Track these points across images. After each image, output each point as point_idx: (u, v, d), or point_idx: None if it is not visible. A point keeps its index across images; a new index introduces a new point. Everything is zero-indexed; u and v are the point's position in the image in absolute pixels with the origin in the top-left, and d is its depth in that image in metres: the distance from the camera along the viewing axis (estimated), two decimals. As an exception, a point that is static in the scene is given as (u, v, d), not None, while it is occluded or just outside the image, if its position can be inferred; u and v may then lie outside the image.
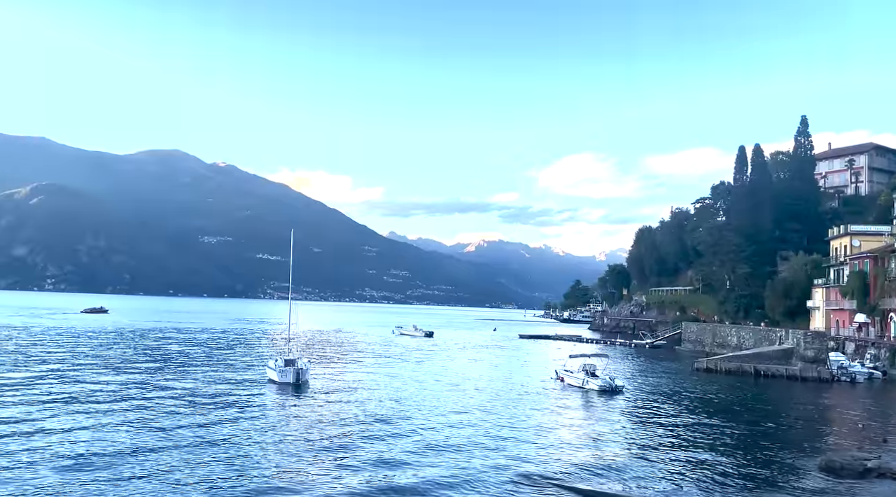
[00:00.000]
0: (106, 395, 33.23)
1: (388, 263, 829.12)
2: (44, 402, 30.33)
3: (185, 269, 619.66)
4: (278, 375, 39.85)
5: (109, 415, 28.21)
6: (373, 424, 28.39)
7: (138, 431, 25.16)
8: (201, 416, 28.81)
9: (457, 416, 31.59)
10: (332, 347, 73.05)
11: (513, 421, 30.87)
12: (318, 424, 27.92)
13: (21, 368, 43.02)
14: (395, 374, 48.41)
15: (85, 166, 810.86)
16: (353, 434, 26.25)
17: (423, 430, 27.77)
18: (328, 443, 24.60)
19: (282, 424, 27.74)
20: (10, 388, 34.05)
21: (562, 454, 24.61)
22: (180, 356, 56.15)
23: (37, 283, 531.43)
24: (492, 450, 24.68)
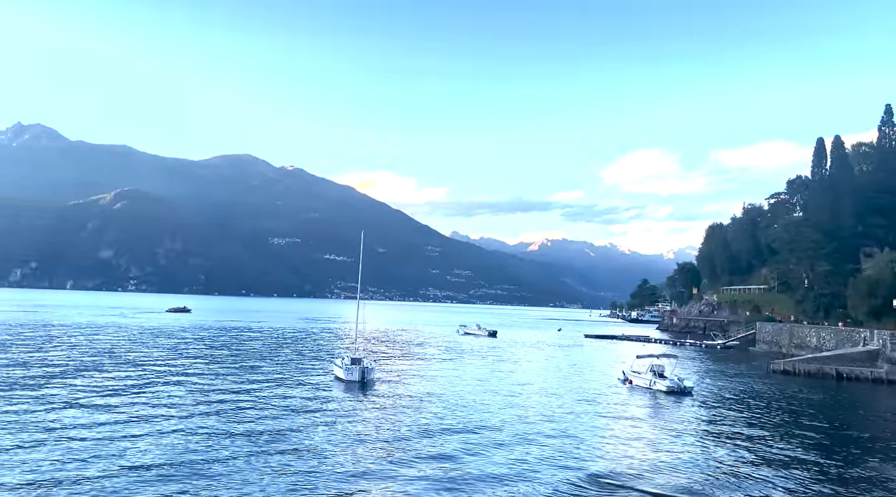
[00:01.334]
0: (187, 391, 34.89)
1: (451, 263, 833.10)
2: (132, 399, 32.15)
3: (257, 270, 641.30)
4: (344, 373, 40.76)
5: (191, 410, 29.59)
6: (436, 423, 28.65)
7: (214, 426, 26.31)
8: (272, 411, 29.86)
9: (521, 415, 31.46)
10: (396, 346, 74.07)
11: (578, 421, 30.52)
12: (382, 422, 28.40)
13: (117, 367, 45.63)
14: (459, 373, 48.63)
15: (163, 172, 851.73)
16: (417, 432, 26.56)
17: (486, 429, 27.81)
18: (391, 440, 24.98)
19: (347, 421, 28.36)
20: (102, 385, 36.27)
21: (627, 455, 24.16)
22: (255, 353, 58.24)
23: (120, 284, 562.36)
24: (557, 450, 24.49)
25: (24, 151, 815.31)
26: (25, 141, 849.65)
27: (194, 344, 66.34)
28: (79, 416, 26.91)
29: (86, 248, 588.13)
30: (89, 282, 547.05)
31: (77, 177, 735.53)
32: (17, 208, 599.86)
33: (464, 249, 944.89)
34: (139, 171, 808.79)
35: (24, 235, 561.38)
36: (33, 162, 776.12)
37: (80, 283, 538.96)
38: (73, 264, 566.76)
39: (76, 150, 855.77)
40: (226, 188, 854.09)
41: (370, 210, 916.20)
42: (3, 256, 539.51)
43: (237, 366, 47.77)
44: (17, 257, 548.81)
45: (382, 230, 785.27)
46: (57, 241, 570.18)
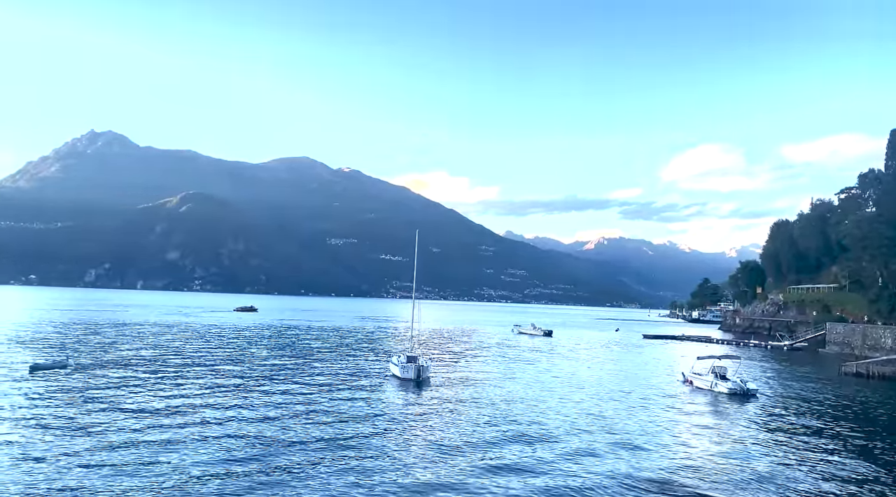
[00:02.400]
0: (255, 388, 36.14)
1: (505, 262, 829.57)
2: (202, 396, 33.58)
3: (315, 270, 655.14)
4: (401, 371, 41.34)
5: (256, 407, 30.66)
6: (492, 423, 28.73)
7: (276, 423, 27.19)
8: (332, 408, 30.59)
9: (577, 417, 31.17)
10: (451, 345, 74.42)
11: (636, 423, 30.02)
12: (438, 420, 28.69)
13: (192, 365, 47.66)
14: (514, 372, 48.54)
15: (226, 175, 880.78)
16: (473, 431, 26.71)
17: (542, 430, 27.68)
18: (446, 439, 25.18)
19: (403, 419, 28.79)
20: (175, 382, 37.99)
21: (687, 460, 23.63)
22: (316, 351, 59.69)
23: (186, 284, 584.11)
24: (614, 452, 24.20)
25: (98, 157, 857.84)
26: (99, 148, 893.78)
27: (262, 342, 68.50)
28: (150, 414, 28.29)
29: (154, 249, 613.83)
30: (158, 282, 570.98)
31: (146, 181, 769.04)
32: (92, 212, 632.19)
33: (518, 249, 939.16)
34: (203, 174, 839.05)
35: (97, 238, 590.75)
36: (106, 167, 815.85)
37: (150, 284, 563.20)
38: (143, 265, 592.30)
39: (145, 156, 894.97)
40: (285, 190, 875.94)
41: (424, 210, 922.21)
42: (80, 258, 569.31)
43: (300, 363, 49.09)
44: (92, 259, 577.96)
45: (436, 230, 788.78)
46: (128, 243, 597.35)
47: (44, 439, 22.42)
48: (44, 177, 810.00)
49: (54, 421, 25.34)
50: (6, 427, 24.01)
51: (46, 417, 25.92)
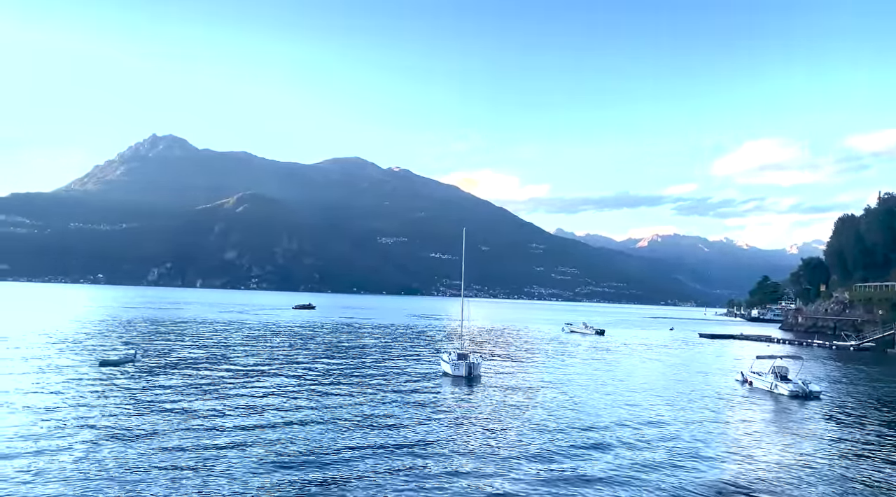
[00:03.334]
0: (310, 386, 37.09)
1: (555, 260, 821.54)
2: (261, 392, 34.70)
3: (366, 268, 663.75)
4: (451, 369, 41.64)
5: (311, 404, 31.47)
6: (543, 422, 28.65)
7: (329, 420, 27.86)
8: (384, 405, 31.13)
9: (630, 417, 30.73)
10: (502, 343, 74.37)
11: (691, 424, 29.42)
12: (489, 420, 28.78)
13: (252, 361, 49.25)
14: (565, 371, 48.20)
15: (280, 176, 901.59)
16: (524, 431, 26.70)
17: (594, 430, 27.41)
18: (498, 439, 25.17)
19: (455, 418, 29.00)
20: (238, 378, 39.34)
21: (745, 464, 23.04)
22: (369, 349, 60.71)
23: (243, 283, 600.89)
24: (668, 455, 23.79)
25: (159, 160, 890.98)
26: (160, 151, 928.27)
27: (319, 340, 70.10)
28: (209, 411, 29.41)
29: (212, 249, 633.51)
30: (216, 280, 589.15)
31: (204, 182, 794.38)
32: (154, 213, 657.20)
33: (568, 246, 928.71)
34: (258, 175, 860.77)
35: (159, 238, 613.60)
36: (167, 170, 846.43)
37: (208, 282, 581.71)
38: (202, 264, 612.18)
39: (203, 158, 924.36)
40: (337, 190, 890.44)
41: (474, 208, 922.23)
42: (143, 258, 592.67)
43: (354, 361, 50.03)
44: (155, 258, 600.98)
45: (486, 228, 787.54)
46: (188, 243, 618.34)
47: (111, 433, 23.60)
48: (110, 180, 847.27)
49: (120, 416, 26.64)
50: (77, 420, 25.38)
51: (114, 412, 27.27)
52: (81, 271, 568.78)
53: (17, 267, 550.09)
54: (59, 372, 37.39)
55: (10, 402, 28.04)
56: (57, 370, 38.04)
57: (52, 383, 33.32)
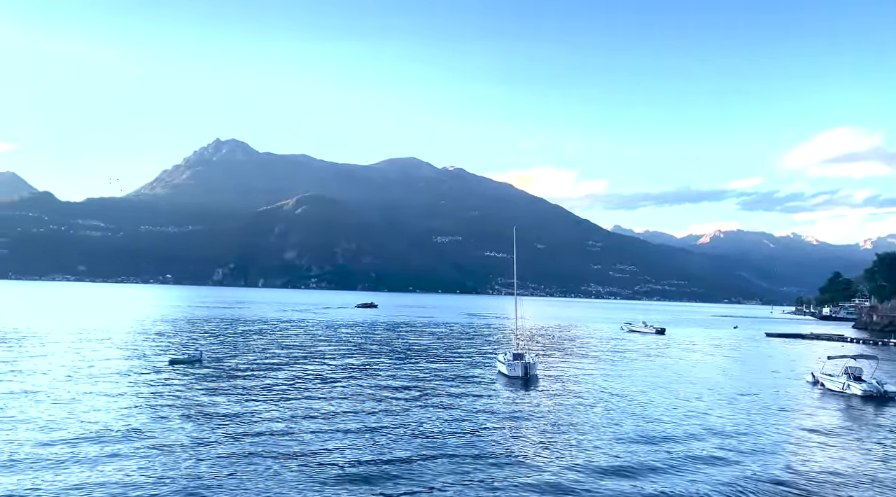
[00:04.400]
0: (370, 384, 37.76)
1: (613, 258, 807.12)
2: (327, 390, 35.55)
3: (422, 267, 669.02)
4: (507, 369, 41.50)
5: (370, 404, 32.03)
6: (602, 424, 28.21)
7: (388, 418, 28.26)
8: (441, 405, 31.31)
9: (693, 419, 29.88)
10: (557, 343, 73.63)
11: (758, 427, 28.36)
12: (546, 420, 28.56)
13: (313, 359, 50.54)
14: (625, 371, 47.33)
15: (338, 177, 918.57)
16: (583, 432, 26.36)
17: (655, 432, 26.77)
18: (556, 439, 24.97)
19: (512, 417, 28.92)
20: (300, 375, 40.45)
21: (816, 470, 22.09)
22: (426, 347, 61.25)
23: (303, 282, 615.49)
24: (733, 459, 23.01)
25: (223, 164, 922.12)
26: (223, 155, 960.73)
27: (381, 338, 71.22)
28: (273, 409, 30.31)
29: (273, 249, 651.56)
30: (277, 280, 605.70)
31: (265, 184, 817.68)
32: (218, 215, 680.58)
33: (627, 243, 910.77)
34: (317, 177, 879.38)
35: (223, 239, 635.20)
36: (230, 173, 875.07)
37: (270, 282, 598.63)
38: (263, 264, 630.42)
39: (264, 161, 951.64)
40: (393, 190, 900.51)
41: (529, 206, 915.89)
42: (208, 259, 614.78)
43: (412, 359, 50.56)
44: (219, 259, 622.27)
45: (541, 226, 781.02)
46: (250, 244, 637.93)
47: (182, 430, 24.66)
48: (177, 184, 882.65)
49: (190, 413, 27.79)
50: (149, 417, 26.63)
51: (185, 409, 28.47)
52: (151, 272, 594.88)
53: (93, 268, 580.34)
54: (133, 370, 39.28)
55: (91, 397, 29.67)
56: (131, 368, 39.99)
57: (127, 381, 35.04)
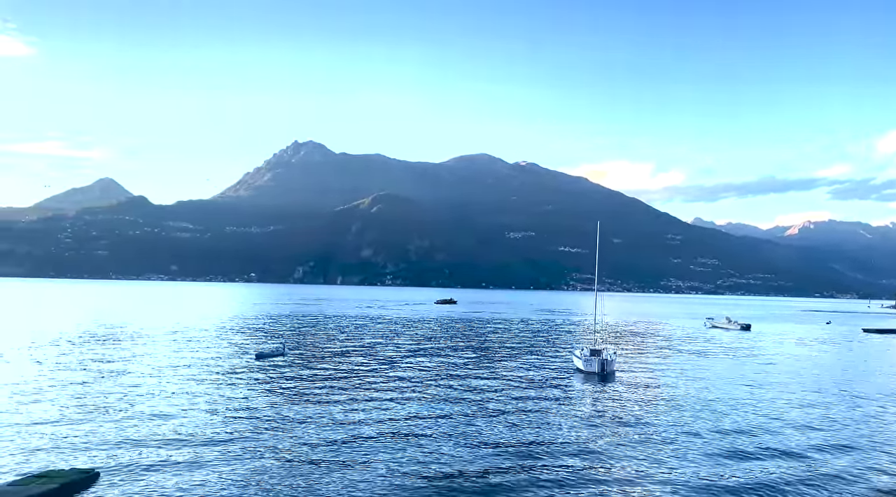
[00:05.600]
0: (448, 380, 38.46)
1: (694, 251, 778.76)
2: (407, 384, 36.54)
3: (495, 263, 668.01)
4: (584, 365, 41.17)
5: (448, 398, 32.64)
6: (682, 423, 27.54)
7: (464, 414, 28.68)
8: (517, 401, 31.52)
9: (781, 422, 28.58)
10: (637, 339, 72.07)
11: (861, 432, 26.76)
12: (624, 418, 28.19)
13: (394, 355, 51.93)
14: (707, 369, 45.90)
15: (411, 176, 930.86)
16: (662, 432, 25.82)
17: (740, 435, 25.76)
18: (637, 437, 24.64)
19: (588, 415, 28.73)
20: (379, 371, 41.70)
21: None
22: (502, 343, 61.52)
23: (379, 279, 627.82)
24: (825, 467, 21.98)
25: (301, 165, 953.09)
26: (301, 156, 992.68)
27: (461, 333, 72.13)
28: (352, 404, 31.41)
29: (351, 247, 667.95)
30: (354, 277, 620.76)
31: (342, 184, 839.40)
32: (298, 215, 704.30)
33: (708, 236, 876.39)
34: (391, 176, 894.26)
35: (303, 239, 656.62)
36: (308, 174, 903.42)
37: (347, 279, 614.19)
38: (341, 262, 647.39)
39: (340, 162, 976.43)
40: (465, 187, 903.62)
41: (604, 200, 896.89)
42: (290, 257, 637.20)
43: (489, 355, 50.98)
44: (300, 258, 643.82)
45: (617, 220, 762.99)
46: (328, 243, 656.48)
47: (269, 423, 26.03)
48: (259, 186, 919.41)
49: (275, 404, 29.25)
50: (239, 408, 28.23)
51: (270, 401, 30.01)
52: (236, 271, 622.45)
53: (183, 268, 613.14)
54: (224, 363, 41.63)
55: (189, 388, 31.79)
56: (222, 361, 42.40)
57: (219, 373, 37.22)
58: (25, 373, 35.62)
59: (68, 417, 24.95)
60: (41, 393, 29.81)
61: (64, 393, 29.95)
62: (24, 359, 41.42)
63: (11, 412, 25.59)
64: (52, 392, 30.13)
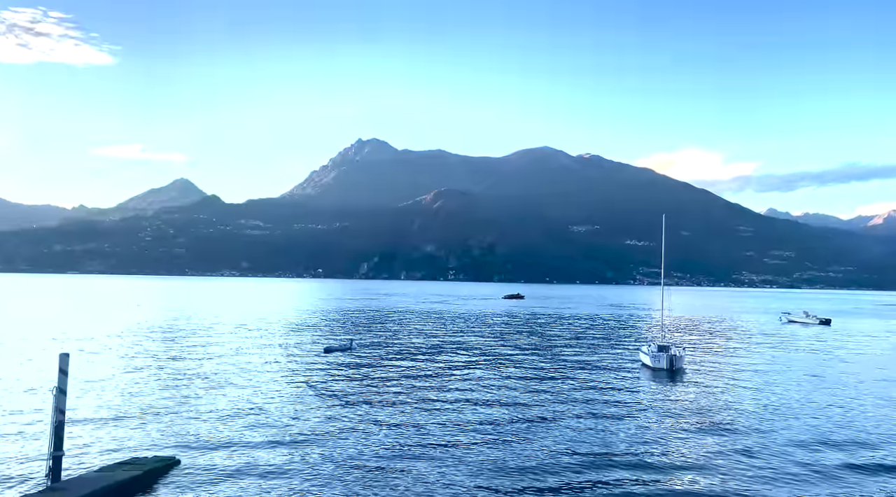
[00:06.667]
0: (517, 374, 38.44)
1: (767, 244, 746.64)
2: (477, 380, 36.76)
3: (558, 258, 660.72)
4: (651, 361, 40.29)
5: (514, 394, 32.63)
6: (759, 424, 26.53)
7: (529, 409, 28.59)
8: (583, 397, 31.14)
9: (868, 427, 27.06)
10: (706, 335, 69.80)
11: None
12: (694, 417, 27.35)
13: (460, 349, 52.35)
14: (783, 367, 43.95)
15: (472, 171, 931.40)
16: (735, 433, 24.84)
17: (817, 436, 24.57)
18: (707, 439, 23.84)
19: (659, 410, 28.09)
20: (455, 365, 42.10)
21: None
22: (571, 336, 60.91)
23: (441, 274, 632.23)
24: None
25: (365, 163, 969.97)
26: (365, 154, 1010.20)
27: (529, 328, 71.96)
28: (418, 399, 31.79)
29: (414, 243, 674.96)
30: (417, 272, 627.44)
31: (404, 181, 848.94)
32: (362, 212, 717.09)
33: (783, 228, 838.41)
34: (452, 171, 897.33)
35: (367, 235, 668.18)
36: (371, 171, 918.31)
37: (410, 274, 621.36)
38: (405, 258, 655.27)
39: (402, 159, 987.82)
40: (527, 181, 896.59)
41: (672, 191, 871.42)
42: (355, 253, 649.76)
43: (556, 350, 50.59)
44: (364, 254, 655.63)
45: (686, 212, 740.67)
46: (392, 239, 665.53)
47: (340, 419, 26.69)
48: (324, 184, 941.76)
49: (344, 397, 29.96)
50: (310, 401, 29.06)
51: (338, 393, 30.77)
52: (305, 267, 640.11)
53: (255, 264, 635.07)
54: (293, 358, 42.95)
55: (261, 380, 33.01)
56: (291, 356, 43.76)
57: (289, 367, 38.45)
58: (109, 365, 37.82)
59: (149, 408, 26.36)
60: (124, 385, 31.59)
61: (145, 385, 31.64)
62: (110, 352, 43.98)
63: (98, 403, 27.23)
64: (133, 384, 31.89)
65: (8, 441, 20.97)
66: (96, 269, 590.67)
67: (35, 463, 18.44)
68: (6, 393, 28.75)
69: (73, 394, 27.02)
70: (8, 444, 20.54)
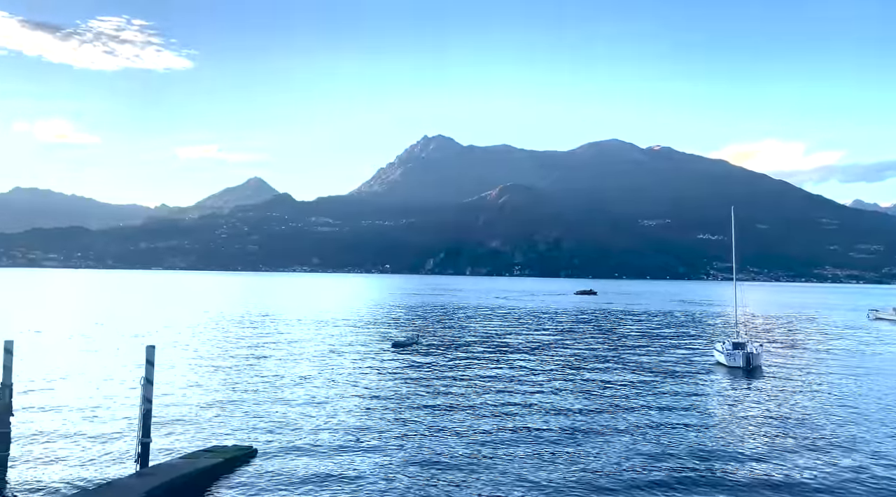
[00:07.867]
0: (587, 373, 38.03)
1: (853, 237, 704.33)
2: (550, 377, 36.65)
3: (627, 252, 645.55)
4: (726, 359, 38.92)
5: (581, 393, 32.29)
6: (842, 426, 25.02)
7: (601, 409, 28.16)
8: (655, 396, 30.36)
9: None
10: (785, 332, 66.72)
11: None
12: (773, 417, 26.14)
13: (528, 346, 52.30)
14: (871, 367, 41.50)
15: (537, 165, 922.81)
16: (818, 434, 23.58)
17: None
18: (787, 441, 22.75)
19: (732, 413, 27.03)
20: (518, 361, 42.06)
21: None
22: (641, 334, 59.64)
23: (507, 270, 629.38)
24: None
25: (430, 160, 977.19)
26: (430, 151, 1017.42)
27: (601, 325, 71.09)
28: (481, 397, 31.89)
29: (479, 238, 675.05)
30: (482, 268, 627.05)
31: (469, 176, 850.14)
32: (428, 208, 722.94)
33: (870, 220, 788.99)
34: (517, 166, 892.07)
35: (433, 230, 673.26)
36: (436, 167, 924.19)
37: (476, 270, 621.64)
38: (470, 253, 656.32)
39: (468, 154, 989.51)
40: (594, 174, 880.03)
41: (748, 183, 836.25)
42: (421, 249, 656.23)
43: (631, 346, 49.68)
44: (430, 249, 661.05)
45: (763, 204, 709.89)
46: (458, 234, 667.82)
47: (409, 414, 27.13)
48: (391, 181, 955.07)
49: (411, 393, 30.42)
50: (380, 399, 29.67)
51: (406, 389, 31.27)
52: (372, 262, 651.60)
53: (324, 260, 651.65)
54: (363, 353, 43.95)
55: (332, 378, 33.96)
56: (361, 350, 44.80)
57: (359, 363, 39.37)
58: (192, 357, 39.80)
59: (229, 398, 27.59)
60: (206, 376, 33.18)
61: (225, 376, 33.13)
62: (193, 344, 46.27)
63: (182, 392, 28.73)
64: (214, 375, 33.44)
65: (101, 427, 22.46)
66: (178, 266, 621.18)
67: (125, 449, 19.67)
68: (99, 382, 30.74)
69: (159, 384, 28.63)
70: (101, 431, 22.00)
